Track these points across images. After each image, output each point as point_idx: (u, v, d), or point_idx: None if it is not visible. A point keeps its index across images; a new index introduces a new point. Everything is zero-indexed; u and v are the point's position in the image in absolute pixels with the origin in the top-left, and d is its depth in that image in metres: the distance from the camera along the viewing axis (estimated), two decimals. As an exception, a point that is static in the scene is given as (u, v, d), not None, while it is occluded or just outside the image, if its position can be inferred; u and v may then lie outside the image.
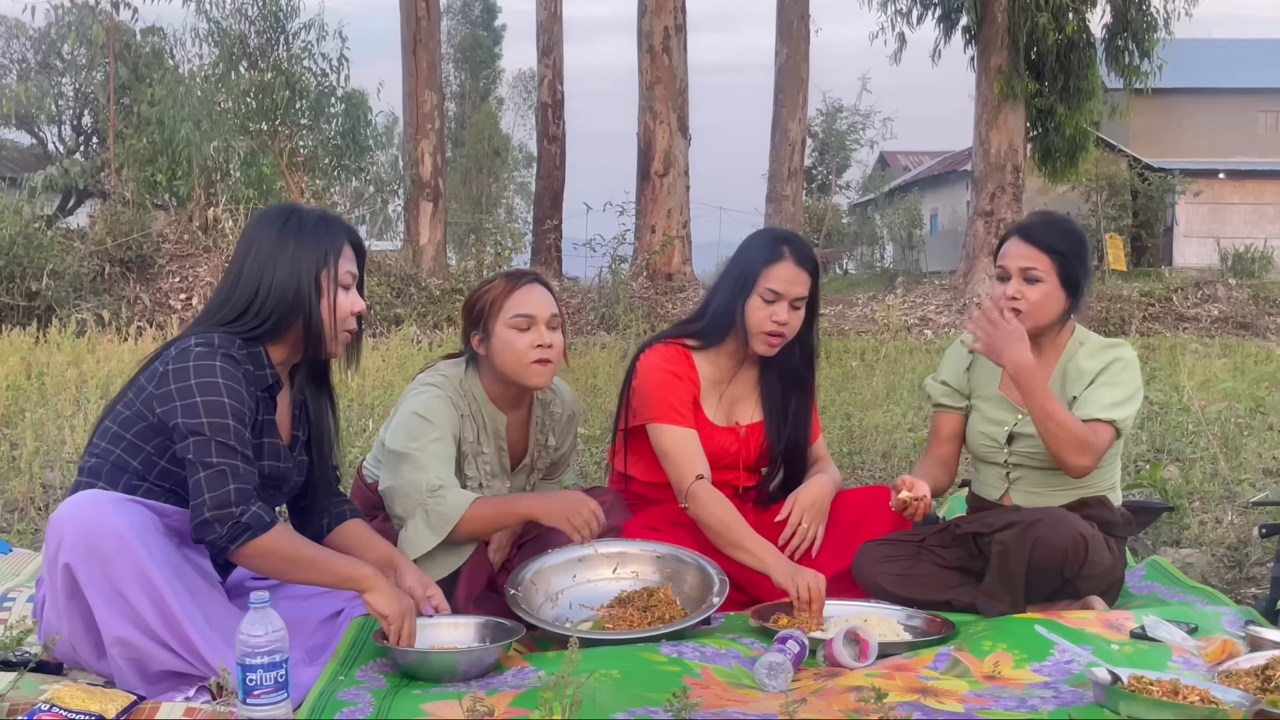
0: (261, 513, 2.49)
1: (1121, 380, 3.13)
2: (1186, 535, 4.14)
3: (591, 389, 7.35)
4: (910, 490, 3.05)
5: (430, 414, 3.06)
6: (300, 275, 2.62)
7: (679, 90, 16.79)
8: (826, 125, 39.87)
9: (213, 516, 2.44)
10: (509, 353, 3.08)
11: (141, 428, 2.57)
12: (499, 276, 3.17)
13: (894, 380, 8.25)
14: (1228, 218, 31.66)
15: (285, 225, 2.66)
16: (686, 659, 2.64)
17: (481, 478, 3.22)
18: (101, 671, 2.51)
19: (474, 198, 40.92)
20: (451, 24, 45.07)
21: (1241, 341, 13.36)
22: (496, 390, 3.19)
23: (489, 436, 3.21)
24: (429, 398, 3.10)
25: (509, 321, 3.08)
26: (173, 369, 2.52)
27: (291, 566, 2.55)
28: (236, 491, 2.46)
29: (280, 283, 2.62)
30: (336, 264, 2.66)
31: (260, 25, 16.06)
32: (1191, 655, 2.66)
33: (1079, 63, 18.07)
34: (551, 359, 3.10)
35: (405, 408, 3.13)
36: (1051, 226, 3.22)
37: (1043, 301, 3.15)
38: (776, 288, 3.28)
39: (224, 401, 2.48)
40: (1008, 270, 3.19)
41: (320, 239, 2.66)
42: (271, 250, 2.64)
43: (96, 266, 12.51)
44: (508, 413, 3.23)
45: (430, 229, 16.94)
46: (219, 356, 2.52)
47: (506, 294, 3.11)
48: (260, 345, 2.64)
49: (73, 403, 6.20)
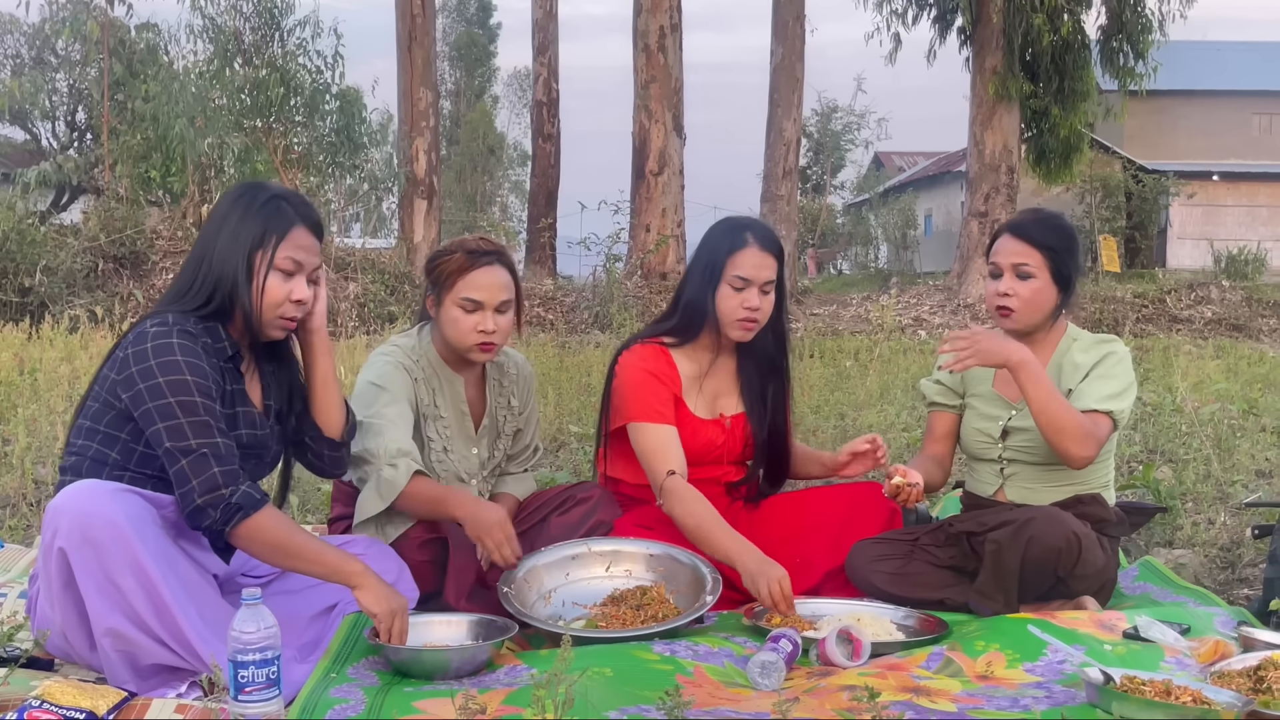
0: (251, 490, 2.49)
1: (1116, 373, 3.14)
2: (1179, 536, 4.14)
3: (585, 388, 7.35)
4: (904, 477, 3.06)
5: (382, 380, 3.11)
6: (236, 253, 2.59)
7: (674, 89, 16.79)
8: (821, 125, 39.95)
9: (204, 502, 2.44)
10: (453, 329, 3.12)
11: (112, 416, 2.56)
12: (462, 249, 3.16)
13: (888, 380, 8.26)
14: (1221, 220, 31.74)
15: (235, 202, 2.65)
16: (679, 657, 2.64)
17: (444, 441, 3.23)
18: (94, 663, 2.50)
19: (469, 196, 40.92)
20: (447, 22, 45.07)
21: (1235, 343, 13.38)
22: (449, 354, 3.23)
23: (446, 399, 3.23)
24: (380, 365, 3.15)
25: (458, 301, 3.10)
26: (132, 352, 2.50)
27: (284, 550, 2.54)
28: (223, 473, 2.45)
29: (218, 260, 2.59)
30: (276, 246, 2.60)
31: (255, 22, 16.03)
32: (1184, 656, 2.66)
33: (1074, 64, 18.11)
34: (495, 342, 3.13)
35: (360, 378, 3.17)
36: (1043, 223, 3.25)
37: (1034, 298, 3.16)
38: (744, 274, 3.28)
39: (186, 379, 2.47)
40: (1000, 267, 3.20)
41: (265, 218, 2.61)
42: (216, 227, 2.63)
43: (90, 262, 12.51)
44: (462, 373, 3.26)
45: (425, 227, 16.93)
46: (175, 333, 2.50)
47: (462, 271, 3.11)
48: (216, 321, 2.62)
49: (65, 399, 6.19)
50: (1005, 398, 3.27)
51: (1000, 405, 3.28)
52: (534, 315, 14.52)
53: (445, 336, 3.16)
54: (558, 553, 3.11)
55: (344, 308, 13.01)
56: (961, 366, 3.08)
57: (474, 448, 3.30)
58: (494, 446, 3.36)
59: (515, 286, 3.18)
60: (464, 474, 3.27)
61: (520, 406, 3.41)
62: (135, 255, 12.91)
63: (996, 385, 3.30)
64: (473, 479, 3.30)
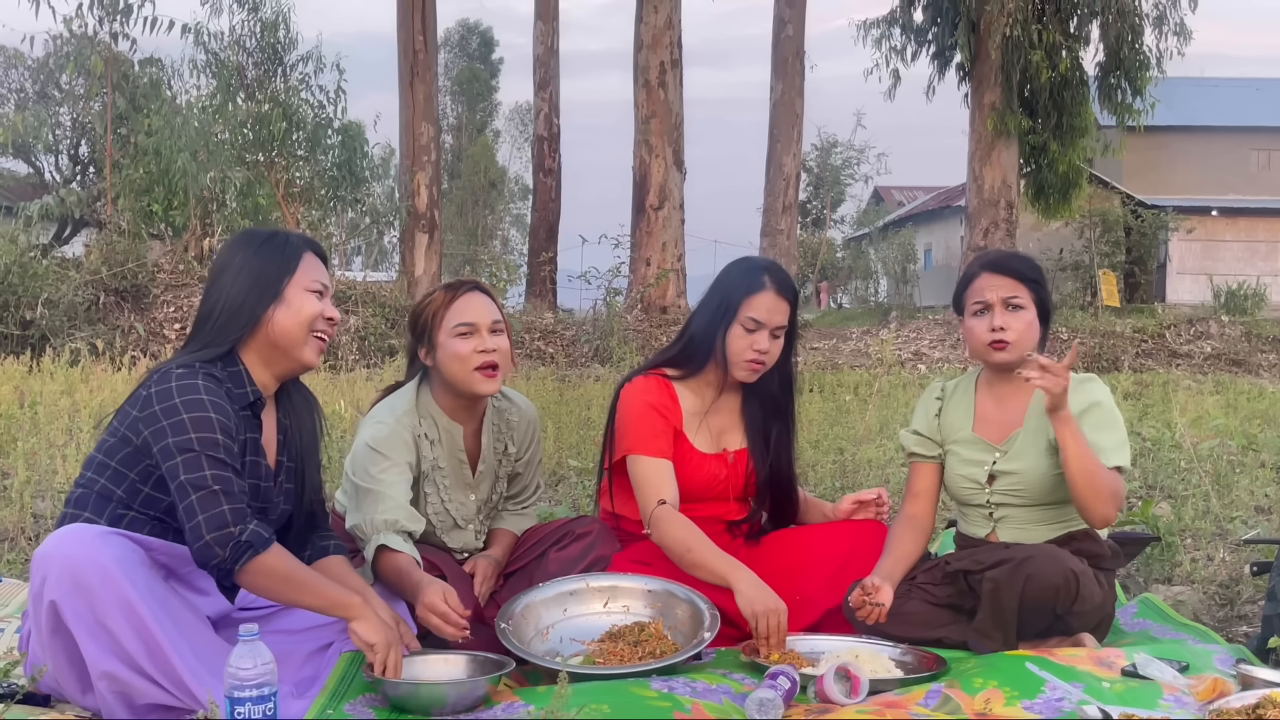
0: (260, 529, 2.49)
1: (1111, 421, 3.14)
2: (1178, 572, 4.13)
3: (585, 421, 7.34)
4: (872, 594, 3.03)
5: (380, 445, 3.09)
6: (252, 290, 2.65)
7: (674, 124, 16.89)
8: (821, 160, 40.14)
9: (213, 539, 2.44)
10: (454, 362, 3.10)
11: (125, 454, 2.57)
12: (438, 289, 3.21)
13: (887, 415, 8.25)
14: (1220, 255, 31.81)
15: (237, 249, 2.72)
16: (677, 694, 2.63)
17: (440, 493, 3.22)
18: (87, 706, 2.49)
19: (469, 229, 41.01)
20: (449, 57, 45.34)
21: (1234, 378, 13.38)
22: (449, 401, 3.21)
23: (444, 450, 3.22)
24: (376, 430, 3.12)
25: (452, 331, 3.11)
26: (156, 390, 2.53)
27: (288, 586, 2.55)
28: (232, 511, 2.46)
29: (231, 302, 2.65)
30: (296, 270, 2.68)
31: (258, 57, 16.15)
32: (1182, 693, 2.65)
33: (1072, 100, 18.23)
34: (497, 363, 3.12)
35: (359, 439, 3.16)
36: (1018, 258, 3.30)
37: (1026, 330, 3.18)
38: (758, 316, 3.28)
39: (210, 417, 2.50)
40: (988, 302, 3.20)
41: (277, 249, 2.69)
42: (222, 274, 2.69)
43: (91, 296, 12.53)
44: (464, 423, 3.25)
45: (425, 260, 16.98)
46: (201, 375, 2.55)
47: (446, 304, 3.14)
48: (240, 365, 2.66)
49: (65, 432, 6.18)
50: (988, 441, 3.26)
51: (983, 449, 3.27)
52: (534, 349, 14.54)
53: (447, 376, 3.14)
54: (555, 588, 3.10)
55: (345, 341, 13.03)
56: (1046, 386, 2.91)
57: (471, 494, 3.29)
58: (492, 490, 3.36)
59: (501, 314, 3.20)
60: (460, 520, 3.27)
61: (518, 453, 3.39)
62: (137, 288, 12.93)
63: (977, 429, 3.29)
64: (469, 524, 3.30)
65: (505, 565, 3.29)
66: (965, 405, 3.34)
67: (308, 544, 2.87)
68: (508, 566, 3.30)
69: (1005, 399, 3.28)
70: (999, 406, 3.28)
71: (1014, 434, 3.23)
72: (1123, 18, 18.56)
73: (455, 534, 3.28)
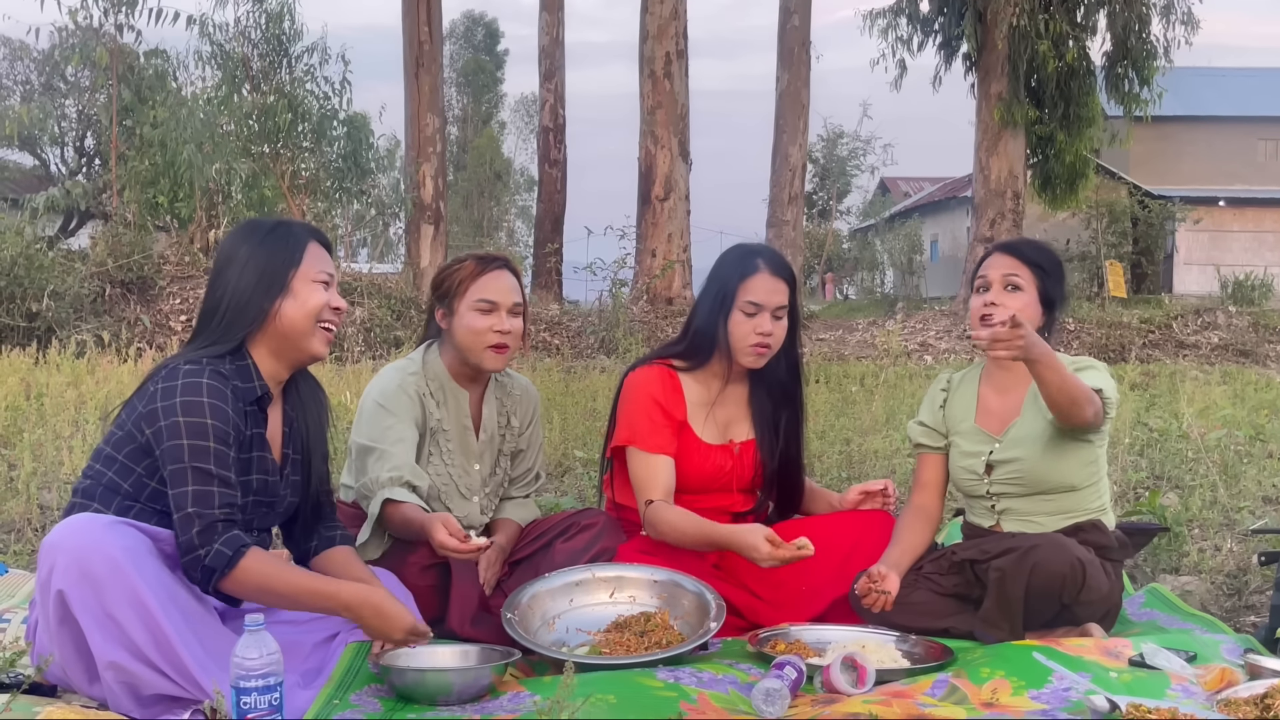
0: (223, 548, 2.46)
1: (1098, 375, 3.12)
2: (1186, 563, 4.13)
3: (591, 412, 7.35)
4: (879, 581, 3.04)
5: (386, 400, 3.17)
6: (258, 282, 2.64)
7: (680, 115, 16.86)
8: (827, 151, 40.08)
9: (185, 563, 2.47)
10: (469, 334, 3.18)
11: (132, 449, 2.58)
12: (470, 258, 3.28)
13: (893, 405, 8.24)
14: (1228, 245, 31.73)
15: (241, 240, 2.71)
16: (683, 684, 2.63)
17: (444, 456, 3.26)
18: (93, 695, 2.49)
19: (475, 221, 41.07)
20: (454, 48, 45.34)
21: (1241, 369, 13.35)
22: (457, 367, 3.28)
23: (450, 414, 3.28)
24: (384, 386, 3.21)
25: (473, 304, 3.18)
26: (161, 387, 2.53)
27: (267, 597, 2.55)
28: (200, 534, 2.45)
29: (238, 294, 2.64)
30: (302, 261, 2.68)
31: (263, 49, 16.14)
32: (1190, 683, 2.65)
33: (1079, 90, 18.19)
34: (509, 344, 3.20)
35: (366, 395, 3.23)
36: (1033, 245, 3.32)
37: (1020, 312, 3.09)
38: (756, 299, 3.28)
39: (206, 423, 2.49)
40: (988, 280, 3.21)
41: (282, 240, 2.69)
42: (227, 267, 2.68)
43: (97, 288, 12.53)
44: (468, 388, 3.31)
45: (431, 252, 16.97)
46: (206, 373, 2.54)
47: (474, 276, 3.21)
48: (248, 360, 2.65)
49: (71, 424, 6.19)
50: (987, 432, 3.26)
51: (982, 440, 3.26)
52: (540, 340, 14.53)
53: (459, 344, 3.21)
54: (561, 579, 3.10)
55: (350, 332, 13.03)
56: (1008, 355, 2.85)
57: (475, 464, 3.33)
58: (495, 464, 3.37)
59: (523, 295, 3.26)
60: (464, 489, 3.29)
61: (520, 427, 3.43)
62: (143, 280, 12.93)
63: (978, 420, 3.29)
64: (474, 495, 3.31)
65: (510, 553, 3.30)
66: (969, 396, 3.34)
67: (314, 535, 2.87)
68: (513, 556, 3.30)
69: (1007, 390, 3.27)
70: (1000, 397, 3.28)
71: (1013, 423, 3.22)
72: (1130, 7, 18.51)
73: (460, 502, 3.30)
